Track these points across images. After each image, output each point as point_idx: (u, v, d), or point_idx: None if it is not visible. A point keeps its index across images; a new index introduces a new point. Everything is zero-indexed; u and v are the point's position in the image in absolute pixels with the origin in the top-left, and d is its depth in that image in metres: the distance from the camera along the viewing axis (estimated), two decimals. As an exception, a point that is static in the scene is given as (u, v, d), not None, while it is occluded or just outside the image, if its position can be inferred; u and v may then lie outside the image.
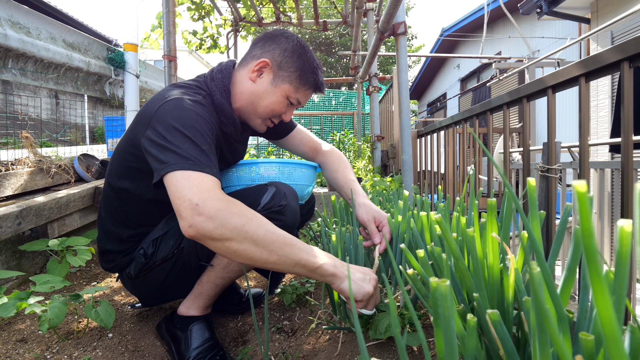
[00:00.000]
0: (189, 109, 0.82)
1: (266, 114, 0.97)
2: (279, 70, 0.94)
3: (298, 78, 0.94)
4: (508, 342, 0.45)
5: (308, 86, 0.96)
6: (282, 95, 0.95)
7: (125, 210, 1.00)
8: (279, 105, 0.96)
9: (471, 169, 0.76)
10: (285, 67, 0.94)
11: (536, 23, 5.91)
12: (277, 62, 0.94)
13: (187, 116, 0.80)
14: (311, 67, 0.95)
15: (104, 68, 2.56)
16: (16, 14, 1.90)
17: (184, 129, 0.78)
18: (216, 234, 0.68)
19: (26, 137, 1.76)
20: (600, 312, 0.23)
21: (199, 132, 0.80)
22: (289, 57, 0.94)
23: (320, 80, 0.98)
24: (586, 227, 0.23)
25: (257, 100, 0.96)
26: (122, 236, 1.01)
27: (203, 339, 0.97)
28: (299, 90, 0.96)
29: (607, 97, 3.94)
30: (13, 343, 1.02)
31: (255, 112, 0.97)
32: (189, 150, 0.76)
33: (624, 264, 0.30)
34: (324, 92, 1.02)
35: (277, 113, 0.97)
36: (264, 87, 0.95)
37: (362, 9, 3.26)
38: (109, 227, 1.02)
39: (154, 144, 0.79)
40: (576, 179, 1.84)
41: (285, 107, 0.97)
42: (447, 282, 0.34)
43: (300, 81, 0.95)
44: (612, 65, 0.69)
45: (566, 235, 2.18)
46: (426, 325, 0.88)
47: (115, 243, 1.02)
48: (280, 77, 0.94)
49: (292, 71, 0.94)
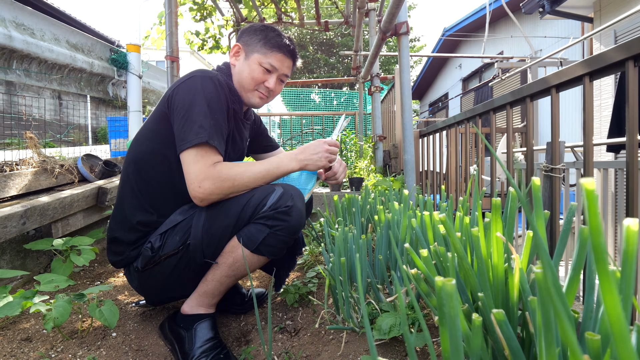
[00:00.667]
0: (206, 85, 0.99)
1: (250, 84, 1.10)
2: (247, 47, 1.12)
3: (263, 45, 1.10)
4: (513, 341, 0.45)
5: (275, 49, 1.10)
6: (255, 64, 1.09)
7: (143, 190, 1.03)
8: (256, 72, 1.09)
9: (474, 169, 0.76)
10: (251, 42, 1.11)
11: (538, 22, 5.89)
12: (245, 42, 1.12)
13: (203, 88, 0.98)
14: (273, 35, 1.11)
15: (107, 69, 2.57)
16: (21, 15, 1.92)
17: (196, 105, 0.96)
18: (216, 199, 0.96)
19: (30, 137, 1.77)
20: (608, 309, 0.23)
21: (209, 108, 0.96)
22: (253, 34, 1.12)
23: (284, 42, 1.10)
24: (594, 225, 0.23)
25: (240, 77, 1.11)
26: (132, 221, 1.02)
27: (207, 338, 0.97)
28: (267, 54, 1.09)
29: (610, 97, 3.93)
30: (18, 342, 1.03)
31: (243, 87, 1.11)
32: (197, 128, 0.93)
33: (631, 263, 0.30)
34: (293, 52, 1.13)
35: (259, 81, 1.11)
36: (241, 64, 1.12)
37: (364, 9, 3.26)
38: (122, 209, 1.05)
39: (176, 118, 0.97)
40: (580, 179, 1.83)
41: (263, 73, 1.10)
42: (452, 281, 0.34)
43: (265, 47, 1.09)
44: (616, 65, 0.69)
45: (570, 235, 2.17)
46: (429, 325, 0.88)
47: (125, 230, 1.03)
48: (250, 51, 1.11)
49: (256, 42, 1.10)
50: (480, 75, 8.20)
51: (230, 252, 0.97)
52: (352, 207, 1.31)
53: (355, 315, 0.92)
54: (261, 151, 1.40)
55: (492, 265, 0.55)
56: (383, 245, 0.96)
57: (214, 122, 0.95)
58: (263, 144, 1.39)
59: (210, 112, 0.96)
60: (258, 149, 1.39)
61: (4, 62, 1.83)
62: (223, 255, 0.97)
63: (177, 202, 1.04)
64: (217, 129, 0.96)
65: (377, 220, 1.14)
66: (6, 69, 1.85)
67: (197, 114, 0.95)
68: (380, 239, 0.98)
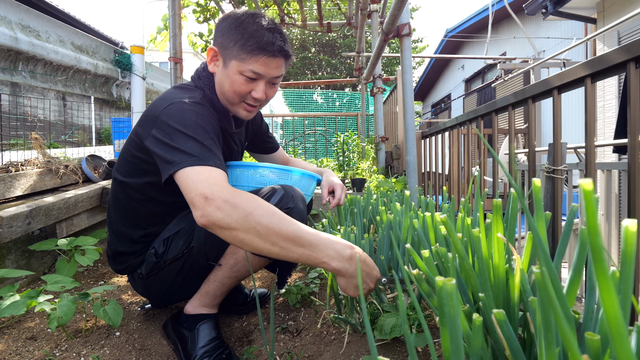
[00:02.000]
0: (190, 110, 0.86)
1: (234, 98, 0.95)
2: (224, 52, 0.93)
3: (240, 49, 0.90)
4: (514, 341, 0.45)
5: (255, 52, 0.89)
6: (235, 74, 0.91)
7: (136, 210, 1.02)
8: (237, 84, 0.92)
9: (476, 170, 0.77)
10: (227, 45, 0.92)
11: (541, 23, 5.87)
12: (221, 45, 0.93)
13: (188, 117, 0.85)
14: (250, 32, 0.89)
15: (111, 70, 2.59)
16: (26, 17, 1.94)
17: (186, 129, 0.83)
18: (224, 223, 0.71)
19: (35, 138, 1.79)
20: (606, 309, 0.23)
21: (201, 129, 0.84)
22: (227, 35, 0.92)
23: (266, 40, 0.89)
24: (592, 225, 0.23)
25: (222, 89, 0.96)
26: (133, 237, 1.03)
27: (209, 337, 0.98)
28: (246, 60, 0.90)
29: (614, 98, 3.91)
30: (23, 340, 1.04)
31: (227, 100, 0.97)
32: (193, 148, 0.80)
33: (629, 264, 0.30)
34: (280, 50, 0.92)
35: (243, 93, 0.94)
36: (220, 74, 0.95)
37: (366, 11, 3.26)
38: (120, 228, 1.04)
39: (160, 144, 0.83)
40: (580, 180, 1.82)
41: (246, 83, 0.92)
42: (452, 281, 0.34)
43: (243, 51, 0.90)
44: (618, 66, 0.69)
45: (572, 236, 2.17)
46: (431, 326, 0.89)
47: (128, 244, 1.03)
48: (227, 56, 0.92)
49: (233, 44, 0.91)
50: (483, 77, 8.18)
51: (232, 254, 0.97)
52: (354, 208, 1.31)
53: (357, 315, 0.93)
54: (262, 152, 1.37)
55: (493, 265, 0.55)
56: (385, 245, 0.97)
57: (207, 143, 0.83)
58: (263, 145, 1.35)
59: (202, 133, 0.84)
60: (258, 149, 1.36)
61: (10, 64, 1.86)
62: (225, 256, 0.98)
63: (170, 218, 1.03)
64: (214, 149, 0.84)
65: (378, 221, 1.15)
66: (12, 71, 1.87)
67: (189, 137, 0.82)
68: (382, 240, 0.98)
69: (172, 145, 0.81)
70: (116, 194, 1.03)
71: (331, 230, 1.27)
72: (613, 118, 3.91)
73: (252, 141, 1.33)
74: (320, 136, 5.38)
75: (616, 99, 3.87)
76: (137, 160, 0.96)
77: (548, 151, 0.95)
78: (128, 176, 0.99)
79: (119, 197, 1.02)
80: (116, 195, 1.03)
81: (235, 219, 0.71)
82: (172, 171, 0.78)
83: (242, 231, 0.72)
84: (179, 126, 0.83)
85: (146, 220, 1.02)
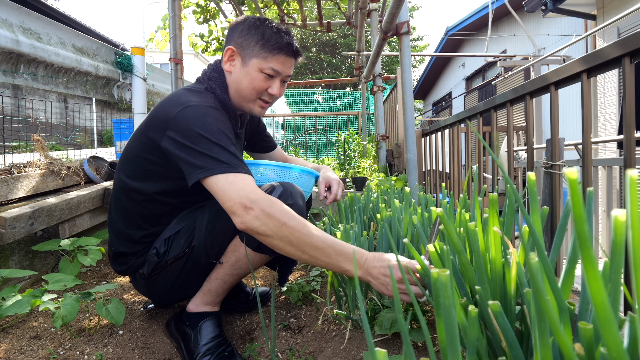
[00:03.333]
0: (210, 116, 0.89)
1: (252, 94, 1.00)
2: (243, 51, 0.98)
3: (262, 48, 0.97)
4: (509, 332, 0.46)
5: (275, 52, 0.97)
6: (255, 71, 0.98)
7: (138, 211, 1.02)
8: (257, 81, 0.98)
9: (476, 168, 0.77)
10: (246, 45, 0.98)
11: (541, 20, 5.86)
12: (239, 45, 0.99)
13: (209, 122, 0.88)
14: (271, 33, 0.97)
15: (112, 72, 2.61)
16: (27, 20, 1.95)
17: (209, 134, 0.86)
18: (261, 231, 0.80)
19: (37, 140, 1.81)
20: (593, 295, 0.24)
21: (224, 136, 0.87)
22: (247, 35, 0.98)
23: (285, 41, 0.98)
24: (578, 213, 0.24)
25: (239, 86, 1.00)
26: (134, 237, 1.03)
27: (212, 335, 0.99)
28: (267, 59, 0.97)
29: (614, 94, 3.90)
30: (27, 340, 1.05)
31: (244, 97, 1.01)
32: (221, 154, 0.84)
33: (619, 253, 0.31)
34: (296, 52, 1.01)
35: (261, 89, 1.00)
36: (238, 72, 1.00)
37: (366, 10, 3.27)
38: (121, 229, 1.04)
39: (183, 148, 0.86)
40: (564, 170, 1.81)
41: (265, 80, 0.99)
42: (447, 272, 0.35)
43: (265, 50, 0.97)
44: (613, 61, 0.69)
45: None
46: (432, 321, 0.89)
47: (129, 245, 1.04)
48: (247, 55, 0.98)
49: (254, 44, 0.97)
50: (483, 74, 8.17)
51: (233, 251, 0.98)
52: (355, 206, 1.32)
53: (358, 311, 0.93)
54: (259, 151, 1.38)
55: (489, 259, 0.56)
56: (384, 242, 0.97)
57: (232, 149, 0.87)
58: (260, 145, 1.36)
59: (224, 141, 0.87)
60: (256, 149, 1.37)
61: (12, 67, 1.87)
62: (226, 254, 0.99)
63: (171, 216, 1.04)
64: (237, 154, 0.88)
65: (379, 218, 1.15)
66: (14, 73, 1.88)
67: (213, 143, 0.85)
68: (381, 237, 0.99)
69: (197, 150, 0.84)
70: (118, 195, 1.04)
71: (332, 228, 1.28)
72: (614, 114, 3.90)
73: (250, 140, 1.34)
74: (321, 135, 5.39)
75: (616, 95, 3.86)
76: (146, 162, 0.96)
77: (546, 147, 0.95)
78: (133, 178, 0.99)
79: (121, 197, 1.03)
80: (118, 196, 1.04)
81: (271, 228, 0.79)
82: (202, 176, 0.82)
83: (276, 239, 0.80)
84: (202, 131, 0.85)
85: (147, 221, 1.03)
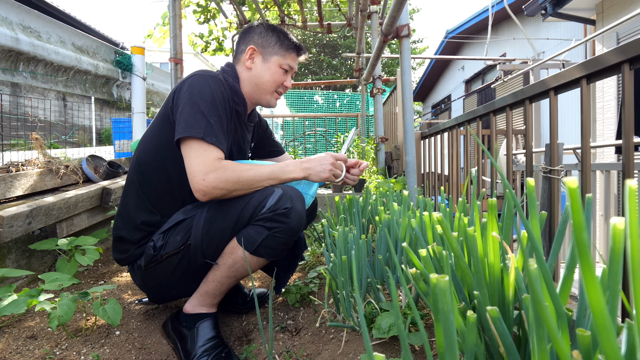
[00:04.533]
0: (206, 84, 1.00)
1: (272, 87, 1.15)
2: (264, 50, 1.14)
3: (280, 47, 1.14)
4: (507, 338, 0.46)
5: (291, 50, 1.15)
6: (276, 66, 1.13)
7: (146, 192, 1.05)
8: (277, 75, 1.14)
9: (475, 171, 0.77)
10: (267, 44, 1.14)
11: (541, 24, 5.89)
12: (260, 45, 1.14)
13: (204, 91, 0.99)
14: (285, 36, 1.15)
15: (111, 71, 2.60)
16: (27, 18, 1.95)
17: (199, 99, 0.97)
18: (219, 195, 0.94)
19: (36, 138, 1.80)
20: (591, 302, 0.24)
21: (212, 105, 0.98)
22: (266, 36, 1.14)
23: (295, 42, 1.17)
24: (577, 221, 0.24)
25: (259, 80, 1.13)
26: (136, 221, 1.04)
27: (209, 337, 0.98)
28: (285, 56, 1.14)
29: (613, 99, 3.92)
30: (23, 339, 1.04)
31: (263, 90, 1.14)
32: (200, 121, 0.94)
33: (617, 261, 0.31)
34: (303, 51, 1.19)
35: (280, 82, 1.15)
36: (259, 68, 1.14)
37: (366, 12, 3.28)
38: (129, 211, 1.06)
39: (179, 109, 0.98)
40: (563, 178, 1.82)
41: (283, 75, 1.15)
42: (446, 277, 0.35)
43: (283, 49, 1.14)
44: (612, 67, 0.70)
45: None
46: (429, 325, 0.89)
47: (130, 230, 1.05)
48: (268, 53, 1.13)
49: (274, 44, 1.14)
50: (483, 77, 8.20)
51: (230, 254, 0.98)
52: (353, 208, 1.32)
53: (355, 314, 0.93)
54: (266, 155, 1.41)
55: (488, 264, 0.56)
56: (382, 245, 0.97)
57: (217, 119, 0.97)
58: (268, 149, 1.40)
59: (213, 109, 0.97)
60: (263, 153, 1.40)
61: (11, 65, 1.86)
62: (223, 256, 0.98)
63: (178, 205, 1.06)
64: (220, 126, 0.97)
65: (377, 221, 1.15)
66: (13, 71, 1.87)
67: (201, 108, 0.95)
68: (379, 240, 0.99)
69: (186, 111, 0.95)
70: (132, 174, 1.09)
71: (330, 230, 1.28)
72: (612, 119, 3.91)
73: (258, 144, 1.37)
74: (320, 137, 5.39)
75: (615, 100, 3.88)
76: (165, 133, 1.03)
77: (545, 151, 0.95)
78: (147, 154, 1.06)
79: (134, 177, 1.07)
80: (131, 175, 1.09)
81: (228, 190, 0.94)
82: (177, 137, 0.94)
83: (233, 192, 0.95)
84: (194, 97, 0.97)
85: (153, 204, 1.05)
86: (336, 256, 0.92)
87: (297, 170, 1.02)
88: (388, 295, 0.99)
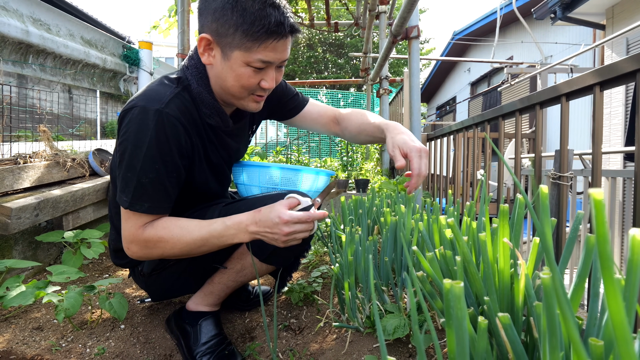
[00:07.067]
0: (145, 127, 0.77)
1: (241, 92, 0.82)
2: (221, 40, 0.77)
3: (243, 36, 0.74)
4: (518, 345, 0.46)
5: (263, 38, 0.74)
6: (240, 66, 0.78)
7: None
8: (245, 77, 0.79)
9: (481, 174, 0.77)
10: (224, 32, 0.75)
11: (550, 28, 5.85)
12: (215, 32, 0.77)
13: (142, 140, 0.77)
14: (252, 13, 0.73)
15: (119, 65, 2.61)
16: (37, 11, 1.96)
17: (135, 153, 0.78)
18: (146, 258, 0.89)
19: (44, 131, 1.81)
20: (612, 315, 0.24)
21: (149, 161, 0.78)
22: (222, 18, 0.75)
23: (274, 20, 0.74)
24: (601, 234, 0.24)
25: (224, 83, 0.82)
26: None
27: (212, 334, 0.99)
28: (252, 49, 0.75)
29: (620, 105, 3.89)
30: (30, 330, 1.05)
31: (231, 94, 0.84)
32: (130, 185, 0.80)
33: (635, 272, 0.31)
34: (291, 30, 0.78)
35: (251, 85, 0.81)
36: (219, 66, 0.80)
37: (375, 12, 3.27)
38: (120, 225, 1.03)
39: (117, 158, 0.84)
40: (587, 187, 1.82)
41: (254, 75, 0.79)
42: (460, 283, 0.35)
43: (247, 38, 0.74)
44: (627, 75, 0.69)
45: (576, 244, 2.16)
46: (435, 327, 0.89)
47: None
48: (226, 46, 0.77)
49: (233, 32, 0.74)
50: (489, 80, 8.16)
51: (239, 259, 0.97)
52: (359, 209, 1.32)
53: (359, 315, 0.94)
54: (290, 116, 1.13)
55: (498, 270, 0.56)
56: (388, 247, 0.97)
57: (154, 175, 0.79)
58: (286, 112, 1.12)
59: (149, 163, 0.78)
60: (287, 116, 1.13)
61: (21, 57, 1.88)
62: (231, 260, 0.97)
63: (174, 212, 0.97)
64: (158, 182, 0.80)
65: (382, 223, 1.15)
66: (22, 64, 1.89)
67: (134, 163, 0.78)
68: (385, 241, 0.99)
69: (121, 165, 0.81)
70: (114, 191, 1.02)
71: (335, 230, 1.28)
72: (619, 125, 3.89)
73: (273, 113, 1.12)
74: (324, 135, 5.38)
75: (622, 106, 3.86)
76: None
77: (554, 157, 0.95)
78: None
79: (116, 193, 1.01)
80: (114, 192, 1.02)
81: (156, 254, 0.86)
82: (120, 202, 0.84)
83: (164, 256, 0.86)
84: (127, 146, 0.79)
85: None
86: (343, 257, 0.92)
87: (240, 234, 0.81)
88: (392, 296, 0.99)
